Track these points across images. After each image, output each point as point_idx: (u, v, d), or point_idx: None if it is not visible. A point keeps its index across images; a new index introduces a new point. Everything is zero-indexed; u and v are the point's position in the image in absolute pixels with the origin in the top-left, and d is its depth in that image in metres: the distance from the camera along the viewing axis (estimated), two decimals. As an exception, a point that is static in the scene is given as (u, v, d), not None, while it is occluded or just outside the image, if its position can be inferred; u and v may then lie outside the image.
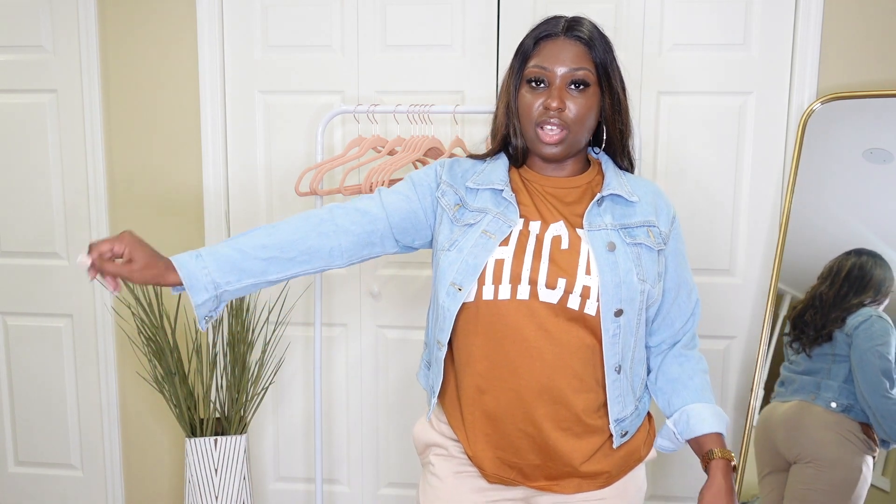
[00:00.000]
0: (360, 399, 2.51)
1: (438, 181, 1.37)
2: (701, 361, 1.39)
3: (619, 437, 1.30)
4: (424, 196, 1.37)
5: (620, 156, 1.37)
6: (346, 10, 2.34)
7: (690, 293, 1.39)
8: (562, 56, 1.27)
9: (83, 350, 2.57)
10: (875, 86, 2.17)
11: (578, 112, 1.26)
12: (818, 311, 2.10)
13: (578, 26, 1.29)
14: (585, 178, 1.34)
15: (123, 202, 2.48)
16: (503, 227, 1.28)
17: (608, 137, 1.35)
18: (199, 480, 2.28)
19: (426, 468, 1.42)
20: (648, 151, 2.29)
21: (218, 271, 1.26)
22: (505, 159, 1.37)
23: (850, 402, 2.04)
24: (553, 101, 1.25)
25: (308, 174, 2.25)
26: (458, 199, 1.34)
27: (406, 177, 1.40)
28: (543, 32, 1.30)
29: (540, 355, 1.24)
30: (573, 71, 1.26)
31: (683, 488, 2.44)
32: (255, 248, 1.29)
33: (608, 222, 1.29)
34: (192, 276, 1.25)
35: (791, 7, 2.20)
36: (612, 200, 1.32)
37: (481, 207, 1.31)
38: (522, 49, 1.31)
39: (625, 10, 2.25)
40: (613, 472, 1.32)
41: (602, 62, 1.29)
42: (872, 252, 2.08)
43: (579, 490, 1.31)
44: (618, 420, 1.30)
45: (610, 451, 1.31)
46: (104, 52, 2.42)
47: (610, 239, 1.27)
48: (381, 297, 2.44)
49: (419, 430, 1.44)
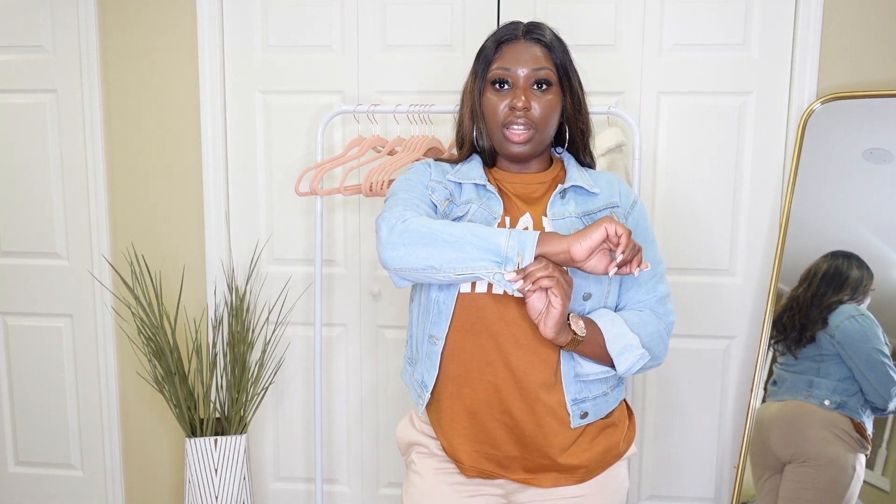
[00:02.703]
0: (360, 399, 2.51)
1: (428, 180, 1.39)
2: (651, 322, 1.33)
3: (577, 419, 1.30)
4: (429, 206, 1.37)
5: (583, 154, 1.42)
6: (346, 10, 2.34)
7: (652, 266, 1.36)
8: (524, 58, 1.31)
9: (83, 350, 2.57)
10: (875, 86, 2.17)
11: (543, 111, 1.31)
12: (796, 313, 2.13)
13: (537, 29, 1.34)
14: (550, 174, 1.39)
15: (123, 202, 2.48)
16: (488, 217, 1.32)
17: (570, 137, 1.40)
18: (199, 480, 2.28)
19: (409, 467, 1.45)
20: (648, 151, 2.29)
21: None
22: (479, 159, 1.41)
23: (844, 399, 2.05)
24: (518, 101, 1.29)
25: (308, 174, 2.25)
26: (447, 193, 1.36)
27: (409, 186, 1.37)
28: (504, 36, 1.34)
29: (516, 347, 1.27)
30: (535, 71, 1.31)
31: (681, 488, 2.44)
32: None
33: (571, 210, 1.33)
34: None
35: (791, 7, 2.20)
36: (575, 192, 1.36)
37: (467, 199, 1.35)
38: (484, 53, 1.35)
39: (625, 10, 2.25)
40: (592, 467, 1.33)
41: (562, 63, 1.33)
42: (849, 253, 2.11)
43: (557, 484, 1.32)
44: (575, 400, 1.30)
45: (588, 444, 1.32)
46: (104, 52, 2.42)
47: (574, 226, 1.31)
48: (381, 297, 2.44)
49: (401, 430, 1.47)
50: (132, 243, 2.48)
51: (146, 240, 2.48)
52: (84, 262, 2.52)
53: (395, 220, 1.24)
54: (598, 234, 1.16)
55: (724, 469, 2.41)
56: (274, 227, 2.46)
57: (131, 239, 2.48)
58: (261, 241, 2.46)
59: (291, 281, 2.46)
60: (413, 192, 1.35)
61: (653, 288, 1.35)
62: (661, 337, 1.34)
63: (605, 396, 1.34)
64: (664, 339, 1.34)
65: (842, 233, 2.12)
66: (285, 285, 2.46)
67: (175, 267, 2.47)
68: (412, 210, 1.28)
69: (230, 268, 2.47)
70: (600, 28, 2.26)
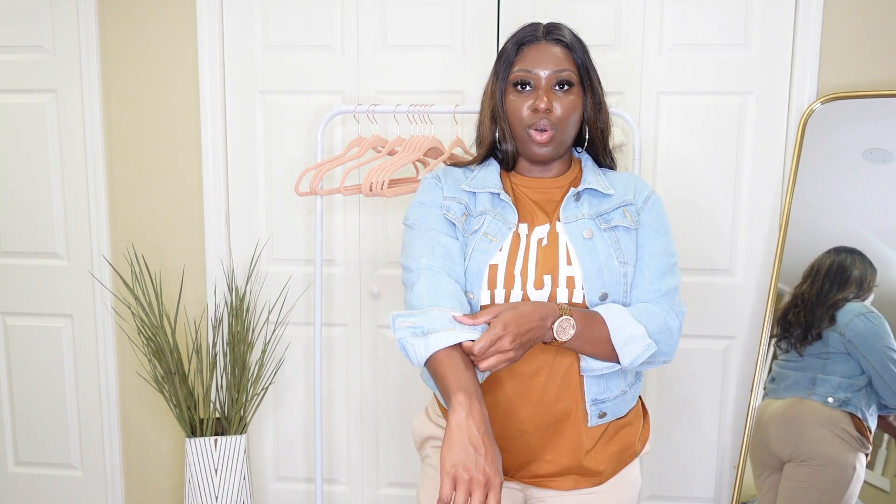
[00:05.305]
0: (360, 399, 2.51)
1: (441, 199, 1.36)
2: (659, 314, 1.29)
3: (595, 418, 1.30)
4: (449, 228, 1.34)
5: (602, 154, 1.41)
6: (346, 10, 2.34)
7: (656, 258, 1.33)
8: (545, 59, 1.31)
9: (83, 350, 2.57)
10: (875, 86, 2.17)
11: (565, 111, 1.30)
12: (801, 311, 2.13)
13: (557, 31, 1.34)
14: (568, 177, 1.38)
15: (123, 202, 2.48)
16: (503, 228, 1.31)
17: (590, 137, 1.39)
18: (199, 480, 2.28)
19: (424, 461, 1.44)
20: (648, 151, 2.29)
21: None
22: (496, 164, 1.40)
23: (848, 396, 2.04)
24: (541, 103, 1.29)
25: (308, 174, 2.25)
26: (462, 207, 1.35)
27: (424, 216, 1.35)
28: (525, 38, 1.34)
29: (533, 359, 1.27)
30: (557, 72, 1.30)
31: (681, 488, 2.44)
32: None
33: (585, 212, 1.32)
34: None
35: (791, 7, 2.20)
36: (590, 194, 1.35)
37: (482, 210, 1.34)
38: (505, 55, 1.35)
39: (625, 10, 2.25)
40: (609, 471, 1.34)
41: (583, 63, 1.33)
42: (852, 249, 2.11)
43: (577, 486, 1.32)
44: (595, 400, 1.30)
45: (605, 445, 1.32)
46: (104, 52, 2.42)
47: (586, 227, 1.30)
48: (381, 297, 2.44)
49: (417, 425, 1.46)
50: (132, 243, 2.48)
51: (146, 240, 2.48)
52: (84, 262, 2.52)
53: (413, 330, 1.21)
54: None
55: (724, 469, 2.41)
56: (274, 227, 2.46)
57: (131, 239, 2.48)
58: (261, 241, 2.46)
59: (291, 281, 2.46)
60: (428, 222, 1.33)
61: (659, 279, 1.32)
62: (670, 330, 1.29)
63: (623, 395, 1.34)
64: (672, 332, 1.29)
65: (842, 233, 2.12)
66: (285, 285, 2.46)
67: (175, 267, 2.47)
68: (434, 273, 1.26)
69: (230, 268, 2.47)
70: (600, 28, 2.26)
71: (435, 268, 1.28)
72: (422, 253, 1.30)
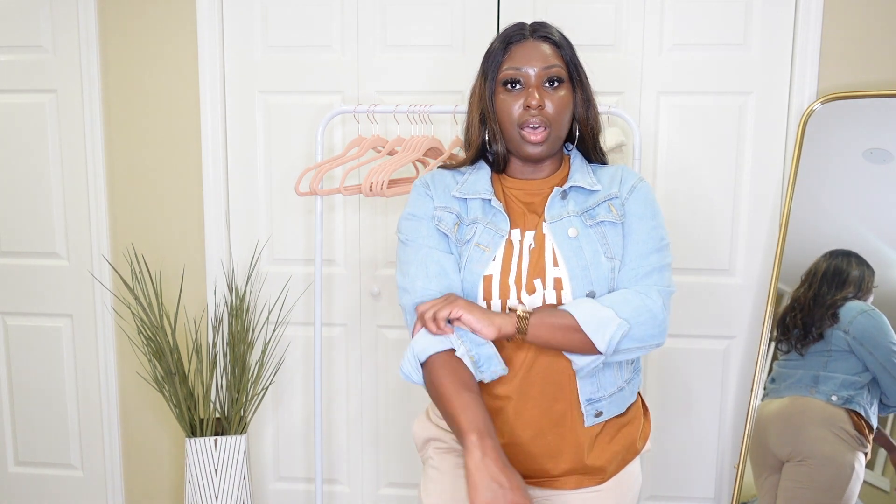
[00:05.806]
0: (360, 399, 2.51)
1: (432, 209, 1.35)
2: (635, 298, 1.25)
3: (591, 418, 1.30)
4: (442, 241, 1.34)
5: (592, 151, 1.40)
6: (346, 10, 2.34)
7: (639, 244, 1.30)
8: (534, 56, 1.30)
9: (83, 350, 2.57)
10: (875, 86, 2.17)
11: (557, 108, 1.29)
12: (798, 314, 2.13)
13: (544, 28, 1.33)
14: (558, 176, 1.37)
15: (123, 202, 2.48)
16: (495, 237, 1.30)
17: (581, 134, 1.38)
18: (199, 480, 2.28)
19: (426, 463, 1.43)
20: (648, 151, 2.29)
21: None
22: (486, 168, 1.38)
23: (851, 394, 2.04)
24: (532, 100, 1.27)
25: (308, 174, 2.25)
26: (454, 217, 1.34)
27: (416, 230, 1.35)
28: (512, 37, 1.33)
29: (530, 364, 1.28)
30: (547, 69, 1.29)
31: (681, 488, 2.44)
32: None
33: (570, 210, 1.31)
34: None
35: (791, 7, 2.20)
36: (576, 191, 1.34)
37: (474, 218, 1.33)
38: (493, 55, 1.33)
39: (625, 10, 2.25)
40: (611, 469, 1.34)
41: (571, 60, 1.33)
42: (848, 251, 2.11)
43: (580, 486, 1.33)
44: (590, 400, 1.30)
45: (606, 444, 1.33)
46: (104, 52, 2.42)
47: (571, 225, 1.29)
48: (381, 297, 2.44)
49: (418, 427, 1.45)
50: (132, 243, 2.48)
51: (146, 240, 2.48)
52: (84, 262, 2.52)
53: (413, 348, 1.26)
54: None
55: (724, 469, 2.41)
56: (274, 227, 2.46)
57: (131, 239, 2.48)
58: (261, 241, 2.46)
59: (291, 281, 2.46)
60: (420, 237, 1.33)
61: (639, 261, 1.28)
62: (651, 311, 1.23)
63: (620, 392, 1.33)
64: (655, 313, 1.24)
65: (842, 233, 2.12)
66: (285, 285, 2.46)
67: (175, 267, 2.47)
68: (430, 281, 1.29)
69: (230, 268, 2.47)
70: (600, 28, 2.26)
71: (431, 290, 1.28)
72: (416, 275, 1.30)
